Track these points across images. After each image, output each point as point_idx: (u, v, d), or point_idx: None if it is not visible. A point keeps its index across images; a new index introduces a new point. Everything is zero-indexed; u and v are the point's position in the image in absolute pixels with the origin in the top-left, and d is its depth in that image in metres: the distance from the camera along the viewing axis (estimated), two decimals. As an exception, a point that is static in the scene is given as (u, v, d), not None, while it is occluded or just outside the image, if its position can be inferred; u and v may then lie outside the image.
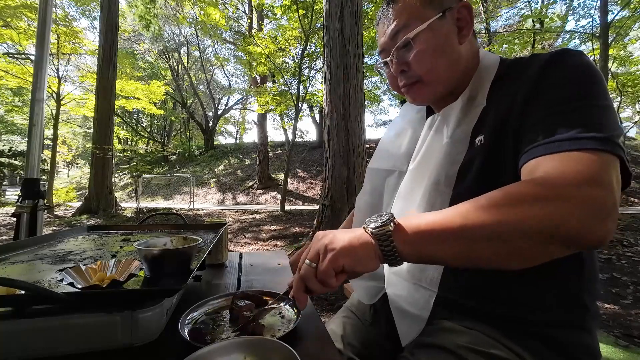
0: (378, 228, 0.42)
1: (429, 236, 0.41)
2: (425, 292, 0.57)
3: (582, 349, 0.49)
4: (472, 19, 0.59)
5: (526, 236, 0.37)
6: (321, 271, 0.43)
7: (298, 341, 0.48)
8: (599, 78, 0.47)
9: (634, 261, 3.22)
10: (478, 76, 0.59)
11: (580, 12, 11.41)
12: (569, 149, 0.41)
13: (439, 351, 0.50)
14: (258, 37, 9.97)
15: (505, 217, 0.37)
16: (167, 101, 22.42)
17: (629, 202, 8.96)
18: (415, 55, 0.58)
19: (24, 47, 9.65)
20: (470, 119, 0.57)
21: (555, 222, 0.36)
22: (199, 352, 0.36)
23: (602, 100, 0.45)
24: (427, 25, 0.56)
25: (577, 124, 0.43)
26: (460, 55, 0.59)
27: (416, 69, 0.59)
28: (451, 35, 0.58)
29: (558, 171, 0.40)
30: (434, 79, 0.60)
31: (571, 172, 0.39)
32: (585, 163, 0.39)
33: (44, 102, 1.31)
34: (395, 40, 0.59)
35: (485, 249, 0.39)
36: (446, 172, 0.56)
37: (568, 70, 0.48)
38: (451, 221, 0.40)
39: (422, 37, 0.57)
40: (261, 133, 13.39)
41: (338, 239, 0.44)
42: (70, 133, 21.01)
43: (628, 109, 15.23)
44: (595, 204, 0.37)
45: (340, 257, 0.42)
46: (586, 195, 0.37)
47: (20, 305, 0.41)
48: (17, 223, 1.23)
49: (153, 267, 0.53)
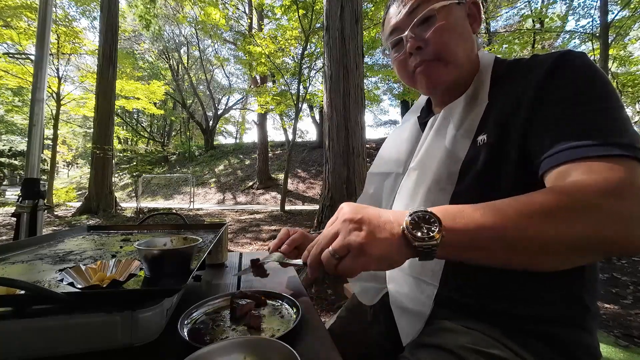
0: (424, 243, 0.39)
1: (472, 241, 0.40)
2: (426, 286, 0.57)
3: (582, 348, 0.49)
4: (481, 16, 0.62)
5: (569, 250, 0.38)
6: (347, 268, 0.40)
7: (298, 341, 0.48)
8: (607, 79, 0.48)
9: (634, 261, 3.22)
10: (479, 75, 0.60)
11: (580, 12, 11.42)
12: (597, 155, 0.41)
13: (439, 351, 0.50)
14: (258, 37, 9.97)
15: (546, 229, 0.37)
16: (167, 101, 22.42)
17: (629, 202, 8.94)
18: (436, 29, 0.57)
19: (24, 47, 9.66)
20: (473, 117, 0.57)
21: (594, 234, 0.37)
22: (198, 352, 0.36)
23: (615, 101, 0.45)
24: (449, 4, 0.57)
25: (598, 127, 0.43)
26: (473, 47, 0.61)
27: (435, 44, 0.57)
28: (466, 21, 0.60)
29: (590, 180, 0.39)
30: (452, 59, 0.58)
31: (602, 182, 0.39)
32: (615, 172, 0.39)
33: (44, 102, 1.31)
34: (415, 15, 0.58)
35: (525, 258, 0.39)
36: (448, 170, 0.56)
37: (576, 72, 0.48)
38: (493, 224, 0.39)
39: (445, 12, 0.57)
40: (261, 133, 13.39)
41: (376, 242, 0.40)
42: (70, 133, 21.03)
43: (628, 109, 15.24)
44: (630, 213, 0.37)
45: (372, 264, 0.40)
46: (620, 206, 0.37)
47: (20, 305, 0.41)
48: (17, 223, 1.23)
49: (153, 267, 0.53)
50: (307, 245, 0.79)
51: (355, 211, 0.42)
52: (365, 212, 0.42)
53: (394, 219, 0.41)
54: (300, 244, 0.78)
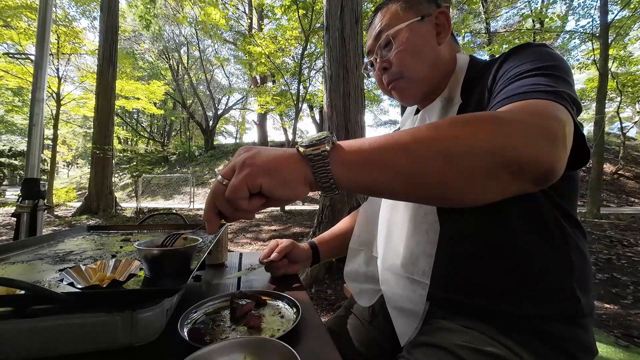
0: (313, 147, 0.37)
1: (372, 157, 0.37)
2: (417, 286, 0.57)
3: (577, 344, 0.49)
4: (450, 24, 0.64)
5: (475, 154, 0.34)
6: (231, 187, 0.36)
7: (298, 341, 0.48)
8: (560, 59, 0.49)
9: (634, 261, 3.23)
10: (455, 77, 0.63)
11: (580, 12, 11.43)
12: (519, 100, 0.42)
13: (437, 350, 0.50)
14: (258, 37, 9.97)
15: (455, 133, 0.36)
16: (167, 101, 22.42)
17: (629, 202, 8.96)
18: (395, 52, 0.63)
19: (24, 47, 9.65)
20: (450, 113, 0.60)
21: (505, 142, 0.35)
22: (198, 352, 0.36)
23: (560, 74, 0.46)
24: (405, 25, 0.62)
25: (530, 84, 0.44)
26: (439, 56, 0.64)
27: (396, 65, 0.63)
28: (429, 37, 0.63)
29: (513, 106, 0.41)
30: (414, 76, 0.63)
31: (522, 106, 0.41)
32: (536, 103, 0.41)
33: (44, 102, 1.31)
34: (378, 39, 0.65)
35: (431, 169, 0.35)
36: None
37: (527, 53, 0.51)
38: (397, 139, 0.37)
39: (401, 36, 0.62)
40: (261, 133, 13.40)
41: (262, 155, 0.37)
42: (70, 133, 21.02)
43: (628, 109, 15.23)
44: (545, 129, 0.37)
45: (259, 175, 0.36)
46: (536, 122, 0.37)
47: (20, 305, 0.41)
48: (17, 223, 1.23)
49: (153, 267, 0.53)
50: (296, 254, 0.81)
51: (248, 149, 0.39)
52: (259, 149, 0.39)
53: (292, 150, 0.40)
54: (290, 252, 0.80)
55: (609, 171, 10.34)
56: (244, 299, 0.58)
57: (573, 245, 0.51)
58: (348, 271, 0.78)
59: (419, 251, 0.58)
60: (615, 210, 7.63)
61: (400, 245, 0.62)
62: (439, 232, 0.56)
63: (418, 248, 0.59)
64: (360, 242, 0.78)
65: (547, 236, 0.50)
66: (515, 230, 0.51)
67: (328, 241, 0.88)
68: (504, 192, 0.37)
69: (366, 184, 0.38)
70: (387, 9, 0.66)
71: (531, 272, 0.50)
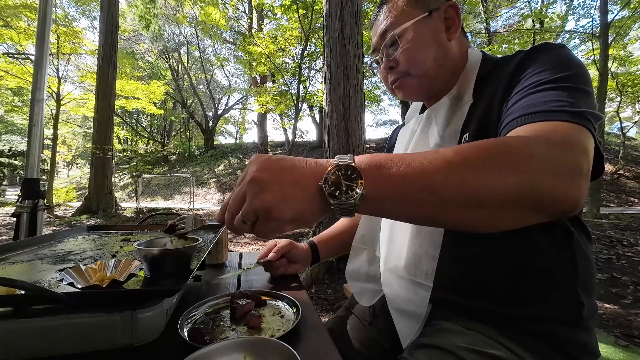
0: (342, 203, 0.36)
1: (396, 194, 0.36)
2: (420, 288, 0.57)
3: (580, 346, 0.49)
4: (460, 18, 0.61)
5: (502, 200, 0.35)
6: (261, 233, 0.38)
7: (298, 341, 0.48)
8: (580, 66, 0.47)
9: (634, 261, 3.23)
10: (465, 75, 0.61)
11: (580, 12, 11.44)
12: (541, 120, 0.41)
13: (438, 351, 0.50)
14: (258, 37, 9.97)
15: (485, 181, 0.35)
16: (167, 101, 22.42)
17: (629, 202, 8.96)
18: (401, 51, 0.60)
19: (24, 47, 9.65)
20: (458, 117, 0.57)
21: (533, 186, 0.35)
22: (198, 352, 0.36)
23: (580, 84, 0.45)
24: (412, 23, 0.59)
25: (551, 99, 0.43)
26: (448, 51, 0.61)
27: (403, 64, 0.61)
28: (438, 32, 0.60)
29: (534, 132, 0.40)
30: (422, 73, 0.61)
31: (542, 134, 0.39)
32: (557, 129, 0.39)
33: (44, 102, 1.31)
34: (384, 38, 0.62)
35: (457, 212, 0.36)
36: None
37: (546, 58, 0.49)
38: (426, 177, 0.35)
39: (407, 34, 0.59)
40: (261, 133, 13.39)
41: (286, 204, 0.35)
42: (70, 133, 21.02)
43: (628, 109, 15.23)
44: (572, 166, 0.36)
45: (287, 226, 0.37)
46: (563, 159, 0.36)
47: (20, 305, 0.41)
48: (17, 223, 1.23)
49: (153, 267, 0.53)
50: (295, 253, 0.81)
51: (262, 167, 0.36)
52: (274, 168, 0.37)
53: (310, 173, 0.37)
54: (288, 252, 0.80)
55: (609, 171, 10.34)
56: (244, 299, 0.58)
57: (578, 248, 0.51)
58: (350, 270, 0.78)
59: (422, 253, 0.58)
60: (615, 210, 7.63)
61: (403, 247, 0.62)
62: (443, 234, 0.56)
63: (421, 250, 0.58)
64: (363, 240, 0.77)
65: (553, 239, 0.50)
66: (522, 232, 0.49)
67: (327, 240, 0.88)
68: (523, 224, 0.38)
69: (387, 214, 0.40)
70: (392, 4, 0.62)
71: (536, 275, 0.50)
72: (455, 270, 0.54)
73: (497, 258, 0.51)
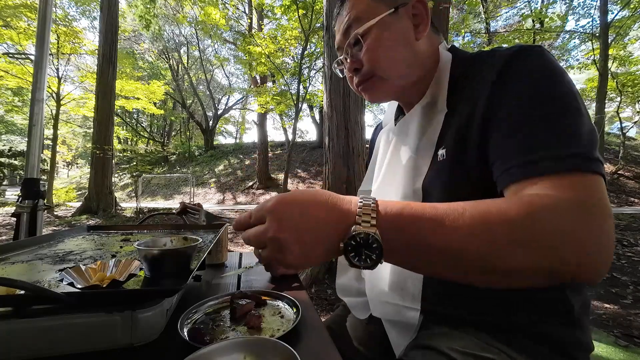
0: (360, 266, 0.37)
1: (413, 257, 0.38)
2: (409, 310, 0.56)
3: (575, 344, 0.49)
4: (428, 14, 0.56)
5: (523, 274, 0.36)
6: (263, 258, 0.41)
7: (298, 341, 0.48)
8: (565, 78, 0.43)
9: (634, 261, 3.23)
10: (437, 78, 0.56)
11: (580, 12, 11.44)
12: (553, 171, 0.38)
13: (433, 353, 0.50)
14: (258, 37, 9.96)
15: (509, 264, 0.35)
16: (167, 101, 22.42)
17: (629, 202, 8.96)
18: (365, 51, 0.55)
19: (24, 47, 9.65)
20: (433, 128, 0.53)
21: (555, 266, 0.34)
22: (198, 352, 0.36)
23: (573, 103, 0.41)
24: (377, 21, 0.54)
25: (554, 135, 0.39)
26: (417, 52, 0.56)
27: (369, 65, 0.56)
28: (406, 31, 0.55)
29: (550, 202, 0.36)
30: (388, 75, 0.57)
31: (564, 202, 0.35)
32: (575, 187, 0.37)
33: (44, 102, 1.31)
34: (347, 35, 0.58)
35: (473, 279, 0.38)
36: (413, 187, 0.54)
37: (530, 71, 0.44)
38: (446, 243, 0.36)
39: (372, 33, 0.55)
40: (261, 133, 13.38)
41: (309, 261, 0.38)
42: (70, 133, 21.02)
43: (628, 109, 15.23)
44: (596, 237, 0.35)
45: (301, 268, 0.42)
46: (584, 228, 0.34)
47: (20, 305, 0.41)
48: (17, 223, 1.23)
49: (153, 267, 0.53)
50: None
51: (283, 227, 0.37)
52: (295, 228, 0.37)
53: (333, 232, 0.37)
54: None
55: (609, 171, 10.34)
56: (244, 299, 0.58)
57: None
58: (340, 285, 0.76)
59: (406, 274, 0.56)
60: (615, 210, 7.63)
61: (386, 271, 0.60)
62: None
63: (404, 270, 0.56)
64: None
65: None
66: None
67: None
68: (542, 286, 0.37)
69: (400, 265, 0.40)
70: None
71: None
72: (442, 286, 0.53)
73: None
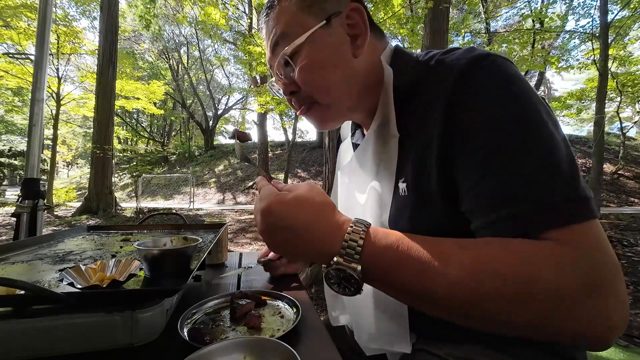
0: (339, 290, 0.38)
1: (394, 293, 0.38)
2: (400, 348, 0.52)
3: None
4: (366, 23, 0.48)
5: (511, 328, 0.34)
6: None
7: (298, 341, 0.48)
8: (528, 92, 0.37)
9: (634, 261, 3.23)
10: (384, 96, 0.48)
11: (580, 11, 11.44)
12: (544, 228, 0.33)
13: (433, 357, 0.49)
14: (258, 37, 9.96)
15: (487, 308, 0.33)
16: (167, 101, 22.44)
17: (629, 202, 8.96)
18: (298, 74, 0.47)
19: (24, 47, 9.65)
20: (390, 156, 0.47)
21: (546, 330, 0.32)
22: (198, 352, 0.36)
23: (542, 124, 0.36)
24: (306, 38, 0.46)
25: (534, 177, 0.34)
26: (358, 68, 0.49)
27: (305, 89, 0.49)
28: (341, 47, 0.47)
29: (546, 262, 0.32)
30: (328, 99, 0.49)
31: (562, 266, 0.31)
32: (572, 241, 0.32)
33: (44, 102, 1.31)
34: (276, 54, 0.49)
35: (461, 322, 0.36)
36: (380, 220, 0.49)
37: (487, 92, 0.37)
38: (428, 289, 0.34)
39: (302, 53, 0.47)
40: (261, 133, 13.38)
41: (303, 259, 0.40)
42: (70, 133, 21.03)
43: (628, 109, 15.22)
44: (607, 314, 0.31)
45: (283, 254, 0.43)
46: (588, 298, 0.31)
47: (20, 305, 0.41)
48: (17, 223, 1.23)
49: (153, 267, 0.53)
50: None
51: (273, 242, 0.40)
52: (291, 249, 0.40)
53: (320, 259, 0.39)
54: None
55: (609, 171, 10.34)
56: (244, 299, 0.58)
57: None
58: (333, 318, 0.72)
59: (389, 314, 0.52)
60: (615, 210, 7.63)
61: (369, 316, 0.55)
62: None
63: (386, 314, 0.52)
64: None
65: None
66: None
67: None
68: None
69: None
70: (280, 10, 0.48)
71: None
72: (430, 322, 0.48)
73: None
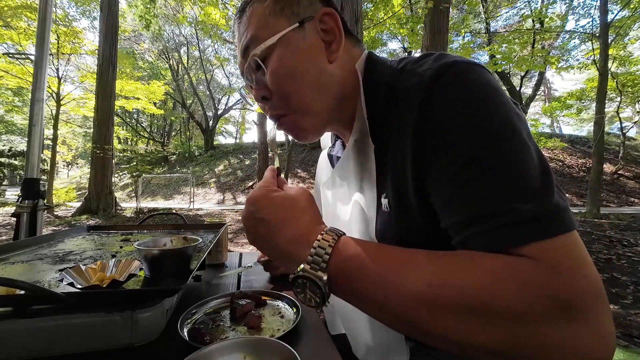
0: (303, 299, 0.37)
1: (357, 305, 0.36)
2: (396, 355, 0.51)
3: None
4: (341, 29, 0.46)
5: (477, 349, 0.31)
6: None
7: (298, 341, 0.48)
8: (497, 99, 0.36)
9: (634, 261, 3.23)
10: (360, 105, 0.47)
11: (580, 11, 11.45)
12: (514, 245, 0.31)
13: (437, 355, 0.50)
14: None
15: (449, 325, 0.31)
16: (167, 101, 22.46)
17: (629, 202, 8.96)
18: (269, 78, 0.45)
19: (24, 47, 9.65)
20: (369, 168, 0.46)
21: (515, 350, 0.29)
22: (198, 352, 0.36)
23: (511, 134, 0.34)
24: (277, 39, 0.44)
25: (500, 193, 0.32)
26: (331, 77, 0.46)
27: (278, 98, 0.47)
28: (315, 51, 0.45)
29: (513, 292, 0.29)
30: (303, 108, 0.47)
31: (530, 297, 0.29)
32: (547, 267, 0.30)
33: (44, 102, 1.31)
34: (246, 57, 0.47)
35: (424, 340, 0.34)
36: (368, 233, 0.49)
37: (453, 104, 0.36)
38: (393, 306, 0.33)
39: (273, 55, 0.45)
40: (261, 133, 13.37)
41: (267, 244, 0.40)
42: (70, 133, 21.01)
43: (628, 109, 15.22)
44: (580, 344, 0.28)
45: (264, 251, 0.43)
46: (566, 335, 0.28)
47: (20, 305, 0.41)
48: (17, 223, 1.23)
49: (153, 267, 0.53)
50: None
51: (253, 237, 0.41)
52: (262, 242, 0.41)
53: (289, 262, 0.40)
54: None
55: (609, 171, 10.34)
56: (244, 299, 0.58)
57: None
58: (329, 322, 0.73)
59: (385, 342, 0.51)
60: (615, 210, 7.63)
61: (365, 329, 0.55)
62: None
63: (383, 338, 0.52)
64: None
65: None
66: None
67: None
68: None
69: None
70: (251, 12, 0.46)
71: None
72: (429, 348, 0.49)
73: None
